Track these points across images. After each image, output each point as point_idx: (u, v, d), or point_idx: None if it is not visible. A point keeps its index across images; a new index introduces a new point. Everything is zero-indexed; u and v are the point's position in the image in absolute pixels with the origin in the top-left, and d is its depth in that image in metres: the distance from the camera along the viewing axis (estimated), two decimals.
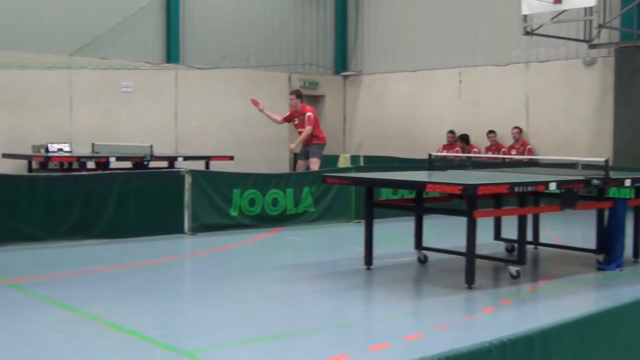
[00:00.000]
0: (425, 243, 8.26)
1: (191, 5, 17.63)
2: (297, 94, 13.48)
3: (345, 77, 20.26)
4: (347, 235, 10.59)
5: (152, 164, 13.25)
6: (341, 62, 20.25)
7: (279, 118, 13.59)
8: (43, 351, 4.88)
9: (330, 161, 16.16)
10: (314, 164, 13.08)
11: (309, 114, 13.13)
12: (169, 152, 16.38)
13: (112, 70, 16.16)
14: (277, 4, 19.10)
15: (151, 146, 13.02)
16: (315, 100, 19.94)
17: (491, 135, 16.75)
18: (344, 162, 16.64)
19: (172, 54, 17.30)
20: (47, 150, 13.96)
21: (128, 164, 13.33)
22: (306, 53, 19.80)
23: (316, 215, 11.40)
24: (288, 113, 13.54)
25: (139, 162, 13.00)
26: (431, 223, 8.79)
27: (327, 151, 14.87)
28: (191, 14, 17.64)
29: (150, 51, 17.11)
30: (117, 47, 16.55)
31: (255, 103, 13.25)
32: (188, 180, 10.27)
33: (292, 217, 11.17)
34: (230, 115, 17.97)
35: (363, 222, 8.00)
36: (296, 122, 13.35)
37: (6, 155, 13.82)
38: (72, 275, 7.50)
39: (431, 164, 9.15)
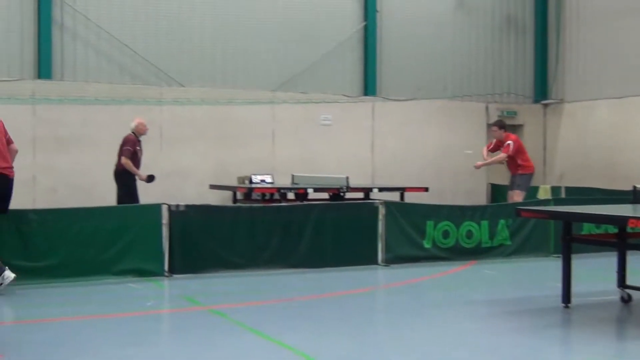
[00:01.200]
0: (629, 281, 7.75)
1: (388, 38, 17.87)
2: (500, 125, 13.35)
3: (545, 105, 19.60)
4: (545, 271, 10.17)
5: (348, 195, 13.48)
6: (541, 90, 19.64)
7: (485, 153, 13.46)
8: None
9: (529, 192, 15.64)
10: (517, 196, 12.75)
11: (508, 142, 12.93)
12: (366, 183, 16.60)
13: (312, 104, 16.70)
14: (474, 32, 18.90)
15: (347, 177, 13.26)
16: (514, 129, 19.37)
17: None
18: (543, 193, 16.03)
19: (369, 86, 17.60)
20: (250, 182, 14.62)
21: (325, 195, 13.65)
22: (504, 81, 19.40)
23: (512, 248, 11.06)
24: (492, 144, 13.39)
25: (336, 193, 13.28)
26: (636, 260, 8.24)
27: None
28: (388, 47, 17.88)
29: (349, 84, 17.51)
30: (317, 82, 17.09)
31: (477, 167, 13.42)
32: (382, 211, 10.34)
33: (487, 250, 10.90)
34: (426, 146, 17.94)
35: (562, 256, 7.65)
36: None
37: (213, 187, 14.63)
38: (271, 304, 7.75)
39: (636, 196, 8.61)
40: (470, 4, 18.81)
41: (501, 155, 12.88)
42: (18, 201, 8.68)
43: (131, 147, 11.83)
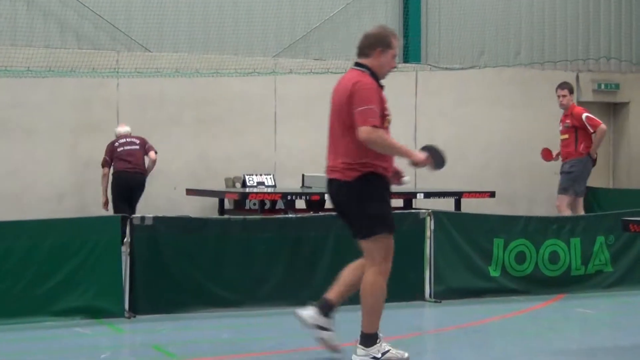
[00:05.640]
0: None
1: None
2: (571, 88, 13.78)
3: None
4: None
5: None
6: None
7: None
8: None
9: (635, 197, 15.57)
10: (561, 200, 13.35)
11: (587, 113, 13.42)
12: (406, 186, 16.53)
13: (329, 74, 16.64)
14: None
15: None
16: (615, 109, 19.38)
17: None
18: None
19: (411, 51, 17.58)
20: (244, 185, 14.60)
21: None
22: (601, 43, 19.35)
23: (615, 277, 11.00)
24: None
25: None
26: None
27: (633, 183, 14.34)
28: None
29: None
30: (336, 44, 17.07)
31: (547, 156, 13.75)
32: (430, 225, 10.29)
33: (579, 279, 10.83)
34: (492, 134, 17.89)
35: None
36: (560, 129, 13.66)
37: (191, 192, 14.62)
38: (274, 356, 7.72)
39: None
40: None
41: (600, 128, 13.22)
42: None
43: None
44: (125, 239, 9.20)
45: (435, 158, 7.19)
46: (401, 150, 6.97)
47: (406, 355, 7.14)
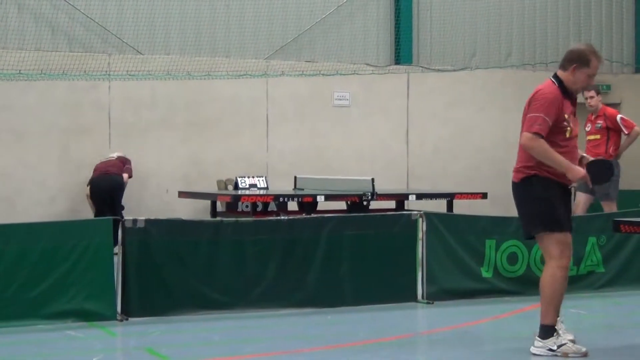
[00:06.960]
0: None
1: None
2: (597, 90, 13.74)
3: None
4: None
5: (374, 205, 13.44)
6: None
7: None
8: None
9: (629, 198, 15.56)
10: (609, 206, 12.84)
11: (620, 115, 13.43)
12: (399, 187, 16.56)
13: (321, 77, 16.67)
14: None
15: (372, 180, 13.22)
16: None
17: None
18: None
19: (402, 53, 17.58)
20: (236, 187, 14.59)
21: (341, 205, 13.61)
22: (593, 44, 19.31)
23: (607, 278, 11.03)
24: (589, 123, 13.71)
25: (357, 202, 13.25)
26: None
27: (625, 184, 14.32)
28: None
29: (373, 50, 17.49)
30: (328, 46, 17.07)
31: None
32: (422, 227, 10.30)
33: (571, 280, 10.61)
34: (484, 135, 17.90)
35: None
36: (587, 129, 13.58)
37: (184, 195, 14.60)
38: (266, 358, 7.71)
39: None
40: None
41: (635, 130, 13.20)
42: None
43: None
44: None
45: (596, 173, 7.52)
46: (561, 163, 7.23)
47: (584, 349, 7.41)
